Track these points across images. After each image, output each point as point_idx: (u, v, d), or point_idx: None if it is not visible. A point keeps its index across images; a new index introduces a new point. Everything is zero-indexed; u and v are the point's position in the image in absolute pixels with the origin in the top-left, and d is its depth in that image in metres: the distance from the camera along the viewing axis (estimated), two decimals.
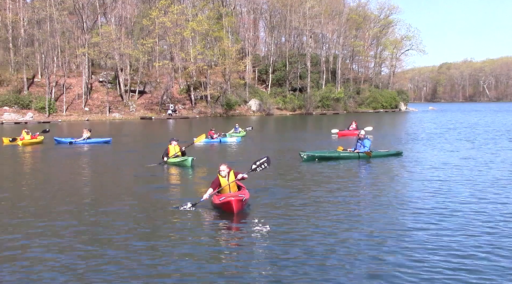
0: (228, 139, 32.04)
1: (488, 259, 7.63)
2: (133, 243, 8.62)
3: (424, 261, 7.52)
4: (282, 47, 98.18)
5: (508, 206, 11.23)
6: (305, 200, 12.05)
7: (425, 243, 8.45)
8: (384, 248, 8.18)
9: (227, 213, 10.77)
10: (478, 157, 21.22)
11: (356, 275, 6.94)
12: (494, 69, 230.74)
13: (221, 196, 11.40)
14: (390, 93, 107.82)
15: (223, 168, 11.94)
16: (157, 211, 11.32)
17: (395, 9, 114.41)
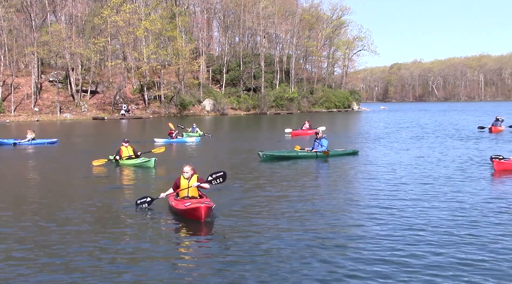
0: (188, 139, 31.96)
1: (443, 254, 7.90)
2: (86, 251, 8.22)
3: (378, 258, 7.72)
4: (236, 47, 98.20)
5: (458, 203, 11.62)
6: (266, 201, 12.02)
7: (379, 240, 8.67)
8: (342, 245, 8.37)
9: (189, 220, 10.12)
10: (429, 155, 21.85)
11: (319, 274, 7.06)
12: (442, 70, 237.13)
13: (184, 201, 10.68)
14: (343, 93, 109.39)
15: (187, 169, 11.40)
16: (109, 216, 10.87)
17: (347, 10, 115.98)
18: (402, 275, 6.95)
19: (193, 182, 11.31)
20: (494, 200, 11.71)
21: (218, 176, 11.56)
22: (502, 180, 14.78)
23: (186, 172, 11.36)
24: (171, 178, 15.37)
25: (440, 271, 7.06)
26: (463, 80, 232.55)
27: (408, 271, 7.09)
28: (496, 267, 7.20)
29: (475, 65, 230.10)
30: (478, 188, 13.24)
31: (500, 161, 16.25)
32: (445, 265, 7.32)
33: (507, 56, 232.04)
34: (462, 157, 20.41)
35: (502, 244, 8.30)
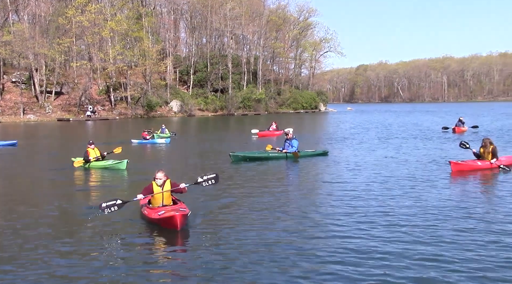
0: (158, 140, 31.78)
1: (410, 250, 8.02)
2: (47, 260, 7.76)
3: (347, 256, 7.81)
4: (203, 48, 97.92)
5: (417, 202, 11.82)
6: (239, 205, 11.83)
7: (347, 238, 8.78)
8: (314, 245, 8.44)
9: (164, 229, 9.48)
10: (394, 155, 22.16)
11: (290, 274, 7.10)
12: (407, 71, 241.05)
13: (158, 210, 10.02)
14: (310, 94, 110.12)
15: (160, 175, 10.63)
16: (73, 224, 10.15)
17: (314, 12, 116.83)
18: (361, 272, 7.06)
19: (167, 188, 10.63)
20: (450, 200, 11.96)
21: (210, 177, 11.09)
22: (458, 181, 15.17)
23: (159, 178, 10.60)
24: (143, 179, 15.20)
25: (399, 268, 7.19)
26: (427, 81, 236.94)
27: (370, 269, 7.19)
28: (454, 262, 7.40)
29: (438, 67, 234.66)
30: (437, 188, 13.49)
31: (457, 162, 16.60)
32: (405, 262, 7.45)
33: (469, 58, 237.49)
34: (425, 157, 20.73)
35: (456, 239, 8.57)
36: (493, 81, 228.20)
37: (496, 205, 11.55)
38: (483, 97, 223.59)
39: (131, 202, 10.66)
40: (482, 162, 17.09)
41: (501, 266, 7.25)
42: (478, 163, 17.08)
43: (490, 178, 15.70)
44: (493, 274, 6.94)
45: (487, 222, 9.80)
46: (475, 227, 9.38)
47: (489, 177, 15.81)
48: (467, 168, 16.62)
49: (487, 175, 16.11)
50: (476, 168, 16.82)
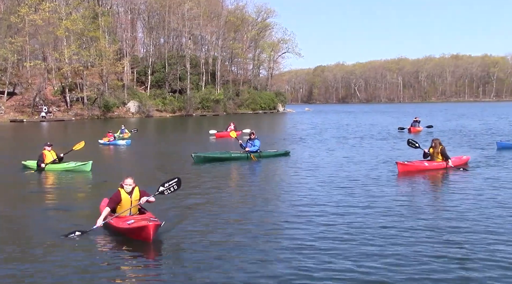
0: (119, 141, 31.30)
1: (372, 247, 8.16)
2: None
3: (307, 255, 7.88)
4: (161, 48, 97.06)
5: (380, 200, 12.09)
6: (207, 208, 11.62)
7: (306, 236, 8.86)
8: (276, 244, 8.51)
9: (134, 241, 8.69)
10: (350, 155, 22.50)
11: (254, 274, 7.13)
12: (363, 72, 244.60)
13: (126, 219, 9.25)
14: (268, 95, 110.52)
15: (129, 181, 9.76)
16: (32, 237, 9.16)
17: (272, 13, 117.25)
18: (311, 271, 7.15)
19: (135, 196, 9.77)
20: (395, 200, 12.14)
21: (171, 184, 10.08)
22: (404, 181, 15.40)
23: (128, 185, 9.75)
24: (108, 182, 14.87)
25: (350, 267, 7.31)
26: (383, 82, 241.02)
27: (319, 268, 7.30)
28: (398, 260, 7.55)
29: (394, 68, 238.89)
30: (383, 189, 13.64)
31: (403, 163, 16.76)
32: (352, 260, 7.60)
33: (422, 60, 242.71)
34: (379, 158, 21.02)
35: (400, 238, 8.74)
36: (445, 82, 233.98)
37: (437, 204, 11.91)
38: (437, 98, 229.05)
39: (94, 230, 9.33)
40: (430, 163, 17.28)
41: (445, 263, 7.42)
42: (425, 164, 17.27)
43: (436, 178, 16.00)
44: (438, 271, 7.10)
45: (428, 220, 9.99)
46: (414, 226, 9.53)
47: (436, 177, 16.10)
48: (413, 169, 16.78)
49: (434, 175, 16.37)
50: (424, 169, 17.01)
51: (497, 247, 8.17)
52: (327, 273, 7.08)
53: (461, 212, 10.73)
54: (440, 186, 15.16)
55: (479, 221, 9.95)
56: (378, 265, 7.33)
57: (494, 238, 8.73)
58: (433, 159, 17.43)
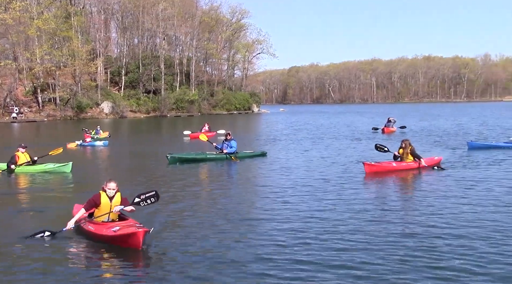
0: (96, 143, 30.92)
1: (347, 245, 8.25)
2: None
3: (281, 255, 7.93)
4: (135, 48, 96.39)
5: (348, 202, 12.18)
6: (182, 207, 11.67)
7: (277, 235, 8.94)
8: (254, 244, 8.55)
9: (119, 249, 8.13)
10: (324, 156, 22.71)
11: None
12: (337, 73, 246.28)
13: (109, 225, 8.71)
14: (243, 96, 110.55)
15: (112, 185, 9.22)
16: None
17: (246, 14, 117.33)
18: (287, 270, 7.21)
19: (116, 202, 9.27)
20: (364, 201, 12.25)
21: (148, 196, 9.46)
22: (370, 182, 15.42)
23: (112, 189, 9.22)
24: (87, 184, 14.65)
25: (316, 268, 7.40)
26: (357, 83, 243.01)
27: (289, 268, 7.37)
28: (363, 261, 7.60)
29: (367, 69, 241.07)
30: (350, 190, 13.68)
31: (370, 163, 16.74)
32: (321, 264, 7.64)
33: (395, 61, 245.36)
34: (352, 158, 21.16)
35: (368, 240, 8.78)
36: (418, 83, 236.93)
37: (405, 205, 12.00)
38: (410, 98, 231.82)
39: (63, 232, 9.00)
40: (398, 163, 17.29)
41: (415, 262, 7.48)
42: (393, 164, 17.23)
43: (405, 179, 16.10)
44: (408, 270, 7.16)
45: (395, 222, 9.99)
46: (380, 228, 9.52)
47: (405, 178, 16.20)
48: (381, 169, 16.75)
49: (403, 176, 16.43)
50: (392, 169, 16.97)
51: (467, 246, 8.29)
52: (299, 273, 7.15)
53: (429, 212, 10.81)
54: (409, 186, 15.31)
55: (447, 220, 10.09)
56: (349, 265, 7.39)
57: (463, 237, 8.85)
58: (403, 159, 17.43)
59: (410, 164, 17.26)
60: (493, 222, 9.94)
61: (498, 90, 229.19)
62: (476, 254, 7.85)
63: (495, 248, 8.16)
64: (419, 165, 17.18)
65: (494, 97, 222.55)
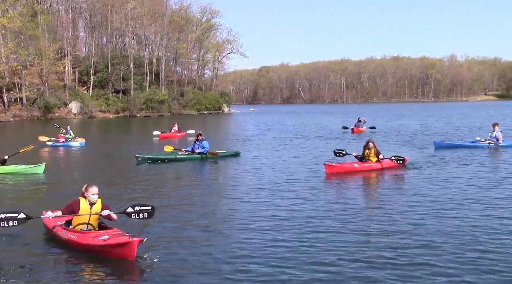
0: (72, 143, 30.26)
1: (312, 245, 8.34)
2: None
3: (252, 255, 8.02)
4: (103, 48, 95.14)
5: (310, 202, 12.31)
6: (165, 213, 11.31)
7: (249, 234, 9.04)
8: (226, 244, 8.62)
9: (109, 260, 7.69)
10: (295, 155, 22.96)
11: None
12: (307, 73, 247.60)
13: (95, 234, 8.10)
14: (213, 96, 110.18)
15: (94, 190, 8.56)
16: None
17: (217, 13, 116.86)
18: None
19: (97, 209, 8.60)
20: (324, 202, 12.32)
21: (143, 210, 8.81)
22: (330, 183, 15.42)
23: (95, 194, 8.57)
24: (60, 188, 14.41)
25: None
26: (326, 83, 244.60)
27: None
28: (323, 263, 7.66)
29: (337, 69, 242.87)
30: (311, 191, 13.74)
31: (331, 164, 16.76)
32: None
33: (365, 61, 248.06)
34: (321, 158, 21.21)
35: (326, 241, 8.84)
36: (387, 83, 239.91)
37: (366, 206, 12.07)
38: (378, 98, 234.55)
39: (37, 219, 8.75)
40: (360, 164, 17.31)
41: (376, 263, 7.57)
42: (355, 165, 17.24)
43: (366, 180, 16.21)
44: (369, 272, 7.23)
45: (357, 223, 10.08)
46: (341, 230, 9.57)
47: (367, 179, 16.31)
48: (342, 170, 16.77)
49: (366, 176, 16.51)
50: (353, 170, 16.99)
51: (427, 245, 8.39)
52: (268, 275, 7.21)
53: (391, 213, 10.87)
54: (371, 186, 15.48)
55: (408, 219, 10.25)
56: (307, 267, 7.46)
57: (426, 237, 8.92)
58: (367, 160, 17.44)
59: (373, 164, 17.27)
60: (455, 220, 10.15)
61: (464, 91, 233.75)
62: (439, 252, 7.99)
63: (458, 246, 8.32)
64: (382, 166, 17.18)
65: (460, 97, 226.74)
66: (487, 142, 24.75)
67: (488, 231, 9.28)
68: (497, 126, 25.35)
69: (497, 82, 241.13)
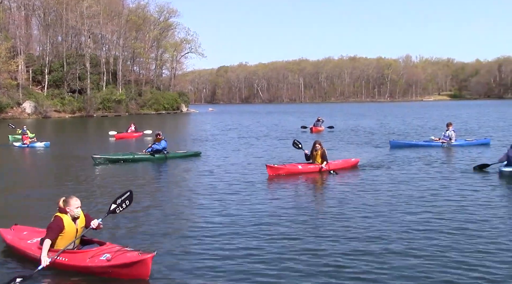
0: (36, 144, 29.27)
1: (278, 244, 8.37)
2: None
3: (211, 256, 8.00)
4: (59, 47, 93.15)
5: (256, 202, 12.40)
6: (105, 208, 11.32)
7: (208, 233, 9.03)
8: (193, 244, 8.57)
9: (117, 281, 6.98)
10: (258, 154, 23.08)
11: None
12: (266, 73, 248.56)
13: (94, 253, 7.15)
14: (171, 95, 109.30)
15: (77, 203, 7.54)
16: None
17: (174, 13, 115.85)
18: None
19: (81, 222, 7.64)
20: (266, 202, 12.38)
21: (124, 199, 7.97)
22: (272, 185, 15.18)
23: (78, 207, 7.57)
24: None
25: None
26: (285, 83, 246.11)
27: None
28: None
29: (295, 69, 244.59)
30: (254, 193, 13.67)
31: (273, 166, 16.53)
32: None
33: (322, 61, 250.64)
34: (278, 158, 21.17)
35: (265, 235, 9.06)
36: (344, 83, 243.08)
37: (308, 208, 11.84)
38: (336, 98, 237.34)
39: (39, 272, 7.13)
40: (304, 166, 17.06)
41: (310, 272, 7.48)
42: (298, 167, 16.97)
43: (313, 181, 15.92)
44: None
45: (297, 227, 9.90)
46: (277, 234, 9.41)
47: (313, 180, 16.01)
48: (285, 172, 16.48)
49: (312, 178, 16.23)
50: (297, 172, 16.73)
51: (372, 254, 8.19)
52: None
53: (334, 215, 10.80)
54: (311, 188, 15.26)
55: (352, 220, 10.30)
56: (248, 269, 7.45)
57: (371, 239, 8.89)
58: (314, 161, 17.15)
59: (318, 166, 16.98)
60: (403, 219, 10.28)
61: (419, 91, 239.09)
62: (384, 254, 8.01)
63: (403, 246, 8.39)
64: (323, 168, 16.89)
65: (415, 97, 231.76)
66: (441, 141, 25.37)
67: (435, 230, 9.44)
68: (450, 126, 26.01)
69: (450, 83, 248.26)
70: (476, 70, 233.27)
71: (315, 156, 17.19)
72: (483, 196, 12.61)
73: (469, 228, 9.52)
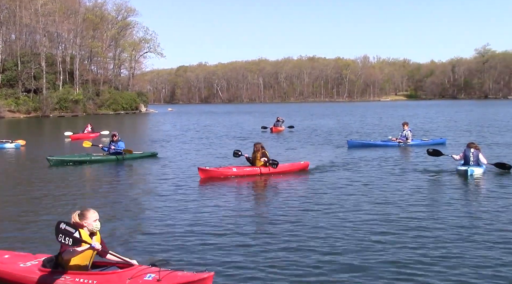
0: (7, 145, 28.09)
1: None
2: None
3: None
4: (12, 45, 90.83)
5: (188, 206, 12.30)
6: (58, 210, 11.31)
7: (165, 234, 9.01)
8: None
9: None
10: (217, 155, 22.93)
11: None
12: (225, 73, 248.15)
13: (134, 272, 6.21)
14: (130, 95, 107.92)
15: (94, 215, 6.63)
16: None
17: (133, 12, 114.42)
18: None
19: (97, 238, 6.64)
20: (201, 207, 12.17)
21: (61, 234, 6.30)
22: (204, 188, 14.88)
23: (96, 220, 6.60)
24: None
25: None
26: (244, 83, 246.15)
27: None
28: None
29: (255, 69, 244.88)
30: (187, 195, 13.61)
31: (205, 169, 16.13)
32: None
33: (282, 61, 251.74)
34: (236, 158, 21.15)
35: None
36: (303, 83, 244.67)
37: (246, 211, 11.77)
38: (295, 98, 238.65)
39: None
40: (240, 169, 16.66)
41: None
42: (233, 169, 16.54)
43: (242, 184, 15.60)
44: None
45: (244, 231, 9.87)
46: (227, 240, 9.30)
47: (243, 183, 15.72)
48: (218, 175, 16.08)
49: (245, 181, 15.96)
50: (232, 174, 16.32)
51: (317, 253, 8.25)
52: None
53: (267, 220, 10.77)
54: (244, 191, 14.87)
55: (292, 222, 10.32)
56: None
57: (319, 242, 8.86)
58: (255, 163, 16.85)
59: (256, 169, 16.65)
60: (349, 217, 10.45)
61: (376, 91, 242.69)
62: (337, 258, 7.99)
63: (355, 248, 8.45)
64: (269, 171, 16.57)
65: (373, 97, 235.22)
66: (398, 141, 25.83)
67: (387, 229, 9.61)
68: (406, 125, 26.52)
69: (406, 83, 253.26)
70: (431, 71, 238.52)
71: (257, 158, 16.90)
72: (438, 194, 12.87)
73: (424, 226, 9.74)
